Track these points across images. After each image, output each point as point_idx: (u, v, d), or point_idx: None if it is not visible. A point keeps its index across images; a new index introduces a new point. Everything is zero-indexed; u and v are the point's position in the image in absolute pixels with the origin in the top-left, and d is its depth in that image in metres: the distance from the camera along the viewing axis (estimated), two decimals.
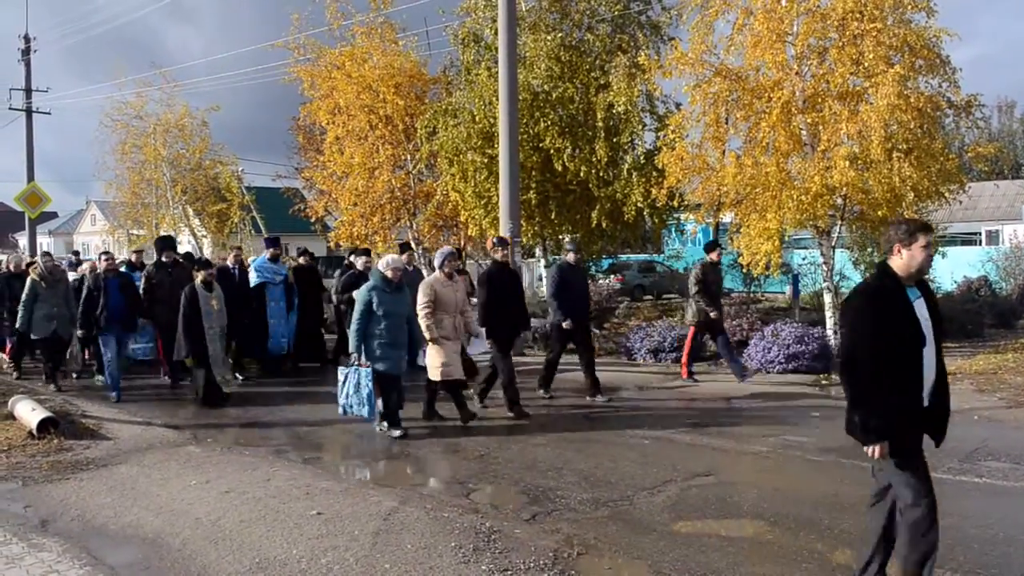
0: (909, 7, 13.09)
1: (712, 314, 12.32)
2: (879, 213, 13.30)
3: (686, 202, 16.19)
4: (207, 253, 25.99)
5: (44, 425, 9.22)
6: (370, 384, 8.79)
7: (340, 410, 9.10)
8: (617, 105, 15.93)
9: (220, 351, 11.25)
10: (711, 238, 16.93)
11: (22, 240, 31.96)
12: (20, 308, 12.32)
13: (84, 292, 11.70)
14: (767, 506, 6.46)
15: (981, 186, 34.65)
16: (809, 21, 13.32)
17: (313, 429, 9.86)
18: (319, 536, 5.92)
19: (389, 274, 8.97)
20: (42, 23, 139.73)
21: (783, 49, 13.58)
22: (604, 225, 16.66)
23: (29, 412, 9.53)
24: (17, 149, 32.36)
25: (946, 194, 13.69)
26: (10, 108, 32.41)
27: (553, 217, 17.53)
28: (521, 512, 6.44)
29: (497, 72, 15.37)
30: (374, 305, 8.84)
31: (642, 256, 29.83)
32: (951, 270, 20.23)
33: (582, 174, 16.46)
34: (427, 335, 9.41)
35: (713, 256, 12.75)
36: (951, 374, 11.74)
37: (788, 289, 19.83)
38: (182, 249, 23.93)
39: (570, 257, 11.46)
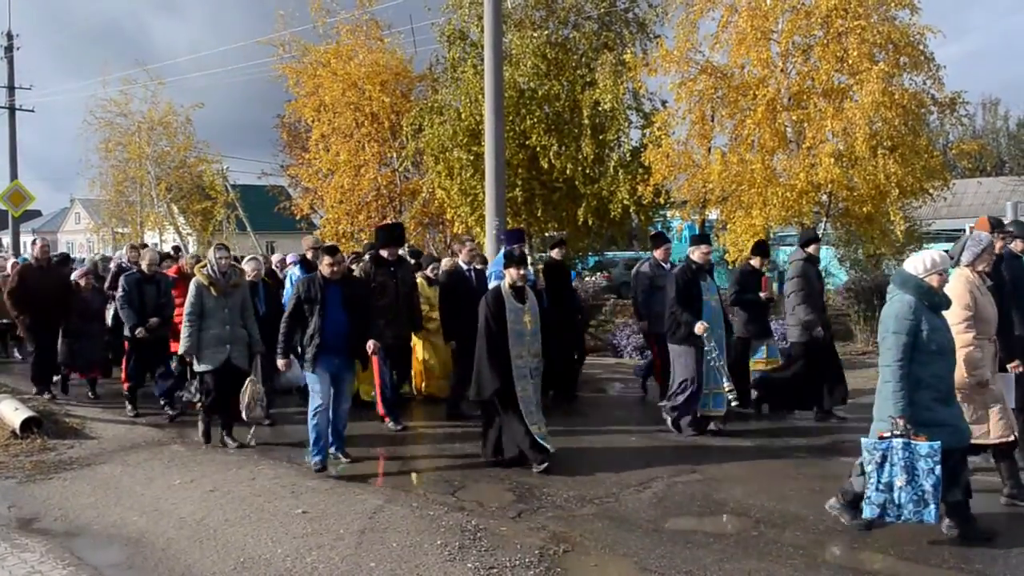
0: (893, 4, 13.18)
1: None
2: (864, 210, 13.38)
3: (672, 199, 16.26)
4: (191, 251, 25.69)
5: (27, 424, 9.15)
6: (938, 470, 5.30)
7: (870, 511, 5.49)
8: (603, 102, 15.92)
9: (535, 394, 7.69)
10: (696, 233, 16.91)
11: (5, 239, 31.70)
12: (184, 324, 8.54)
13: (291, 304, 7.85)
14: (753, 502, 6.47)
15: (965, 183, 34.78)
16: (794, 18, 13.38)
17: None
18: (304, 535, 5.89)
19: (935, 282, 5.58)
20: (26, 19, 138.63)
21: (768, 46, 13.65)
22: (590, 222, 16.65)
23: (12, 411, 9.45)
24: (0, 147, 32.07)
25: (930, 191, 13.80)
26: None
27: (539, 214, 17.51)
28: (507, 510, 6.43)
29: (483, 69, 15.30)
30: (924, 335, 5.46)
31: (628, 254, 29.85)
32: None
33: (568, 171, 16.45)
34: (974, 377, 5.99)
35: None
36: None
37: (773, 286, 19.88)
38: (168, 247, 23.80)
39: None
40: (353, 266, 10.03)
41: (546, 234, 18.35)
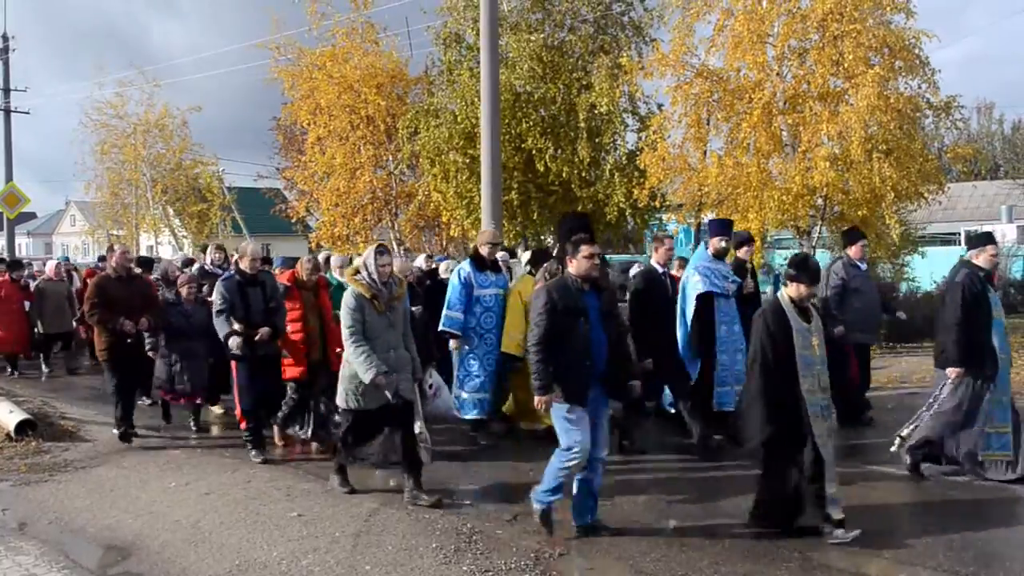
0: (888, 8, 13.19)
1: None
2: (859, 213, 13.39)
3: (668, 203, 16.27)
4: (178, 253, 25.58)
5: (22, 427, 9.14)
6: None
7: None
8: (599, 106, 15.94)
9: (830, 439, 5.89)
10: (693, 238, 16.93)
11: (0, 241, 31.57)
12: (356, 348, 6.63)
13: (546, 319, 5.71)
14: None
15: (960, 187, 34.95)
16: (789, 22, 13.39)
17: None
18: (300, 538, 5.89)
19: None
20: (22, 20, 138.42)
21: (763, 50, 13.65)
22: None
23: (7, 414, 9.44)
24: None
25: (925, 194, 13.81)
26: None
27: (535, 217, 17.52)
28: (503, 513, 6.42)
29: (479, 72, 15.32)
30: None
31: (624, 256, 29.91)
32: (931, 270, 20.34)
33: (564, 174, 16.46)
34: None
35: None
36: (932, 374, 11.79)
37: (769, 289, 19.89)
38: (165, 252, 23.69)
39: None
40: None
41: (540, 236, 18.35)
